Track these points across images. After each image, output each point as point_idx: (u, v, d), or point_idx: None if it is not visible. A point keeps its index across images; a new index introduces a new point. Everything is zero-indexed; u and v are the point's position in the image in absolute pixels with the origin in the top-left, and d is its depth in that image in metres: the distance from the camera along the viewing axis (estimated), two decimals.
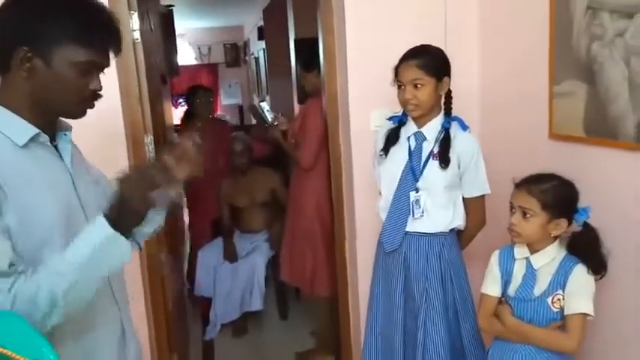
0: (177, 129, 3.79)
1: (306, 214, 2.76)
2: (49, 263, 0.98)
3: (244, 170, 3.29)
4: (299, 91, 3.34)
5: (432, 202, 1.79)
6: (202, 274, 3.20)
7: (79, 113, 1.12)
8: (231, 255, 3.16)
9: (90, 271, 0.99)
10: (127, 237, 1.02)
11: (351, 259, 2.34)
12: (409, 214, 1.80)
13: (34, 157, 1.06)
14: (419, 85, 1.71)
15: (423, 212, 1.78)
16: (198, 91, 3.72)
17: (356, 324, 2.35)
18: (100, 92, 1.11)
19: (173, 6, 4.58)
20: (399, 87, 1.76)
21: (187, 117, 3.86)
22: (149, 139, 2.11)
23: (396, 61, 1.77)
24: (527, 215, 1.51)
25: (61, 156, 1.13)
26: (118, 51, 1.13)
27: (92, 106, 1.12)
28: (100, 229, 0.99)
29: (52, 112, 1.10)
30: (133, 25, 2.02)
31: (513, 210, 1.55)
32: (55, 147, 1.13)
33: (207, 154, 1.16)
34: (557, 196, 1.50)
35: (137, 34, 2.04)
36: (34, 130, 1.05)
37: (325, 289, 2.72)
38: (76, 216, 1.11)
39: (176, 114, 8.96)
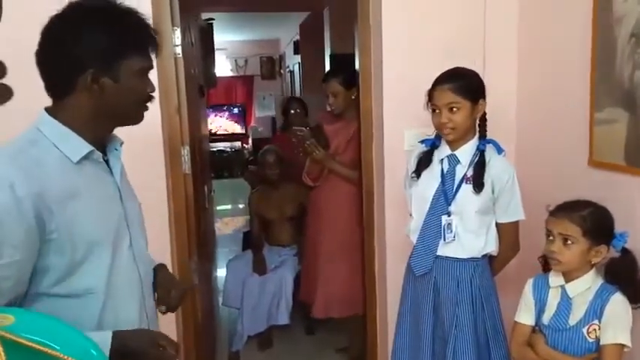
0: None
1: (338, 230, 2.76)
2: None
3: (275, 183, 3.31)
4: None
5: (464, 226, 1.76)
6: (231, 284, 3.22)
7: (140, 118, 1.18)
8: (260, 268, 3.17)
9: None
10: None
11: (380, 279, 2.33)
12: (440, 237, 1.78)
13: (86, 174, 1.10)
14: (454, 109, 1.70)
15: (454, 237, 1.76)
16: (293, 102, 3.81)
17: (384, 345, 2.33)
18: (152, 94, 1.17)
19: (213, 20, 4.70)
20: (434, 110, 1.75)
21: (283, 127, 4.01)
22: (185, 151, 2.16)
23: (431, 82, 1.76)
24: (569, 242, 1.47)
25: (111, 171, 1.18)
26: (158, 51, 1.19)
27: (147, 108, 1.18)
28: (100, 342, 0.97)
29: (115, 122, 1.17)
30: (175, 41, 2.08)
31: (551, 237, 1.52)
32: (107, 161, 1.18)
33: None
34: (596, 222, 1.47)
35: (179, 49, 2.10)
36: (88, 148, 1.10)
37: (349, 309, 2.71)
38: (121, 231, 1.15)
39: (220, 123, 9.19)
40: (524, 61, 2.19)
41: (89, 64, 1.06)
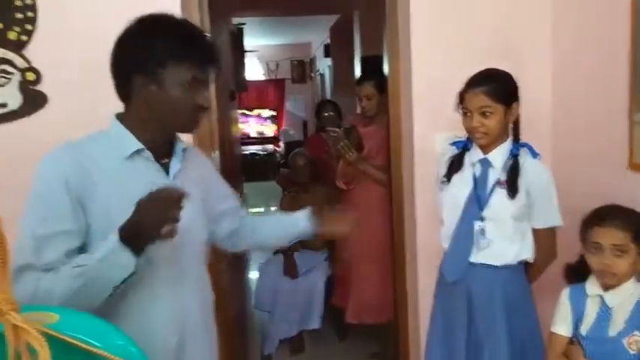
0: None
1: (371, 235, 2.73)
2: (61, 267, 1.07)
3: (306, 186, 3.31)
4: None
5: (498, 232, 1.71)
6: (262, 288, 3.24)
7: (190, 126, 1.23)
8: (292, 271, 3.17)
9: (97, 276, 1.06)
10: (136, 254, 1.07)
11: (412, 285, 2.29)
12: (473, 244, 1.73)
13: (135, 169, 1.19)
14: (487, 113, 1.65)
15: (487, 243, 1.71)
16: (326, 105, 3.84)
17: (416, 352, 2.28)
18: (206, 106, 1.21)
19: (244, 24, 4.74)
20: (465, 114, 1.70)
21: (316, 130, 4.08)
22: (216, 154, 2.17)
23: (462, 83, 1.72)
24: (619, 252, 1.41)
25: (167, 171, 1.25)
26: (215, 64, 1.23)
27: (201, 118, 1.22)
28: (111, 241, 1.06)
29: (165, 128, 1.22)
30: None
31: (593, 250, 1.45)
32: (167, 162, 1.25)
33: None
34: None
35: None
36: (138, 146, 1.19)
37: (382, 315, 2.68)
38: None
39: (252, 127, 9.31)
40: (560, 62, 2.11)
41: (138, 72, 1.16)
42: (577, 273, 1.57)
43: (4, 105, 1.85)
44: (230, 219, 1.51)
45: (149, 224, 1.05)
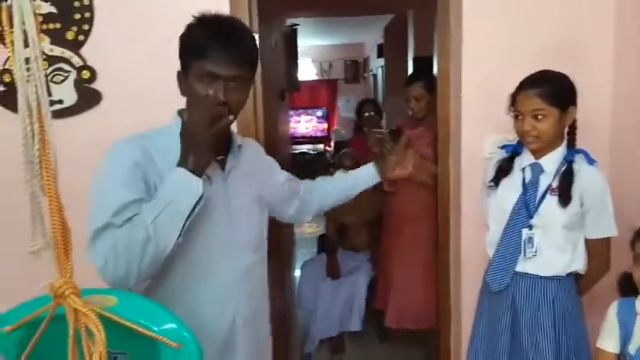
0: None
1: (415, 238, 2.68)
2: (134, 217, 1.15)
3: None
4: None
5: (547, 241, 1.63)
6: (304, 287, 3.24)
7: (212, 123, 1.17)
8: (334, 272, 3.16)
9: (169, 206, 1.14)
10: (199, 176, 1.16)
11: (455, 291, 2.22)
12: (520, 252, 1.65)
13: None
14: (540, 116, 1.57)
15: (536, 252, 1.63)
16: (367, 104, 3.82)
17: (458, 359, 2.22)
18: (225, 102, 1.21)
19: (298, 25, 4.77)
20: (517, 117, 1.63)
21: (356, 129, 4.10)
22: (259, 146, 2.17)
23: (515, 85, 1.64)
24: None
25: (224, 167, 1.33)
26: (240, 63, 1.23)
27: (221, 114, 1.19)
28: (175, 173, 1.16)
29: (195, 125, 1.22)
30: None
31: (635, 261, 1.37)
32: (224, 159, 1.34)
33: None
34: None
35: None
36: None
37: (423, 322, 2.62)
38: (217, 215, 1.29)
39: (304, 126, 9.39)
40: (622, 66, 1.98)
41: (181, 66, 1.26)
42: (631, 284, 1.48)
43: (60, 101, 1.94)
44: (293, 198, 1.64)
45: (198, 129, 1.15)
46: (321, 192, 1.71)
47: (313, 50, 9.16)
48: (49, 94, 1.92)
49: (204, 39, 1.21)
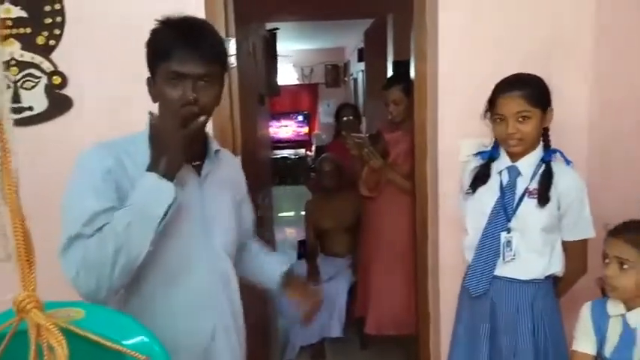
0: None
1: (395, 244, 2.67)
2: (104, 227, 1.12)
3: (332, 192, 3.27)
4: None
5: (525, 245, 1.63)
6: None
7: (183, 123, 1.17)
8: (314, 277, 3.13)
9: (140, 213, 1.11)
10: (171, 180, 1.14)
11: (434, 296, 2.21)
12: (499, 256, 1.65)
13: None
14: (525, 118, 1.56)
15: (514, 255, 1.63)
16: (346, 108, 3.81)
17: None
18: (192, 100, 1.18)
19: (278, 29, 4.74)
20: (496, 120, 1.62)
21: (335, 134, 4.05)
22: (237, 159, 2.14)
23: (491, 88, 1.64)
24: (625, 267, 1.36)
25: (200, 173, 1.29)
26: (208, 57, 1.20)
27: (191, 114, 1.18)
28: (146, 178, 1.14)
29: (169, 127, 1.20)
30: (229, 51, 2.08)
31: (607, 260, 1.39)
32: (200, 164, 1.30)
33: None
34: None
35: (233, 59, 2.10)
36: None
37: (403, 328, 2.61)
38: (192, 220, 1.26)
39: (285, 131, 9.36)
40: (599, 67, 1.99)
41: (149, 71, 1.24)
42: None
43: (30, 108, 1.89)
44: (242, 239, 1.51)
45: (169, 131, 1.14)
46: (252, 261, 1.58)
47: (294, 54, 9.15)
48: (19, 101, 1.87)
49: (168, 41, 1.18)
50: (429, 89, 2.10)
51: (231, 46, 2.10)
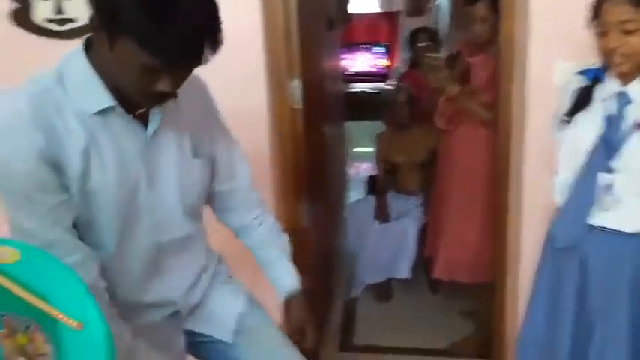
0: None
1: (472, 182, 2.41)
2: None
3: (405, 125, 3.04)
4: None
5: (630, 189, 1.38)
6: (350, 229, 3.10)
7: (142, 105, 1.03)
8: (382, 215, 2.99)
9: None
10: None
11: (515, 241, 1.99)
12: (596, 202, 1.41)
13: (105, 126, 1.01)
14: (630, 29, 1.29)
15: (616, 201, 1.39)
16: (421, 33, 3.49)
17: (513, 319, 2.02)
18: (170, 93, 0.97)
19: None
20: (601, 32, 1.35)
21: (410, 64, 3.73)
22: (295, 85, 1.94)
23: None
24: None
25: (146, 124, 1.07)
26: (189, 57, 0.94)
27: (158, 101, 1.01)
28: None
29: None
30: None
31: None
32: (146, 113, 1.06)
33: None
34: None
35: None
36: (108, 104, 1.00)
37: (475, 275, 2.39)
38: (134, 190, 1.07)
39: (363, 63, 9.02)
40: None
41: (97, 13, 0.93)
42: None
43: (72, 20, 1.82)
44: (233, 202, 1.31)
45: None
46: (263, 247, 1.37)
47: None
48: (61, 12, 1.82)
49: (146, 19, 0.89)
50: (519, 1, 1.79)
51: None
